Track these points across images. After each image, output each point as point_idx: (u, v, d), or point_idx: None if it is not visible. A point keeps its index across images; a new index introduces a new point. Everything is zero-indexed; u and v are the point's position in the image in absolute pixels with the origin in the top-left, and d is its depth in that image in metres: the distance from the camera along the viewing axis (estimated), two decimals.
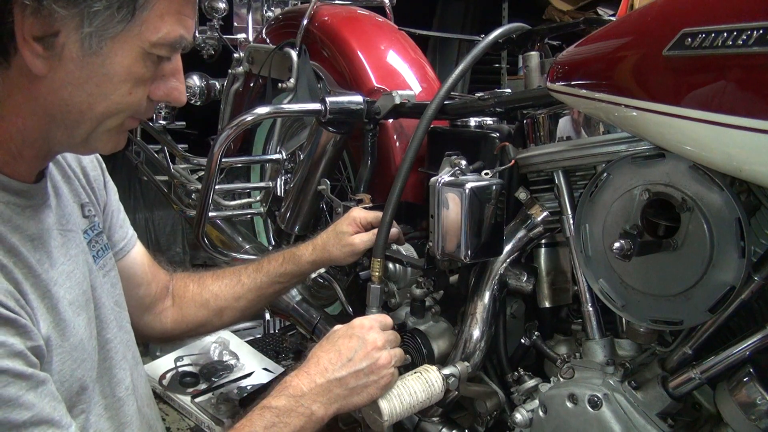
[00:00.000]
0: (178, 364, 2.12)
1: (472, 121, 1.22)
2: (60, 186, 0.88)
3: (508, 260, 1.07)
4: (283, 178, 1.90)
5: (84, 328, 0.82)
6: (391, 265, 1.24)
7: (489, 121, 1.21)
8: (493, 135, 1.14)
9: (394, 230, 1.16)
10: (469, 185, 0.96)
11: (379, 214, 1.13)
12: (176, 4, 0.72)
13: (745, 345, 0.80)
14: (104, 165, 1.01)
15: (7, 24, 0.67)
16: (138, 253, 1.10)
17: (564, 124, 1.01)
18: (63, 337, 0.77)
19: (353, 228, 1.17)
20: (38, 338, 0.72)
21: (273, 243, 1.90)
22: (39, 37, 0.67)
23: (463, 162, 1.04)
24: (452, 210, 0.98)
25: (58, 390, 0.74)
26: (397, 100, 1.32)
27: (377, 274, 1.13)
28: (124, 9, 0.68)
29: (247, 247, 1.71)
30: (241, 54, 1.92)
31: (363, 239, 1.16)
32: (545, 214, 1.06)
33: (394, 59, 1.59)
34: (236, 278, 1.19)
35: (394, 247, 1.23)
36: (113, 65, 0.71)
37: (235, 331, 2.46)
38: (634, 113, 0.77)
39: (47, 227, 0.81)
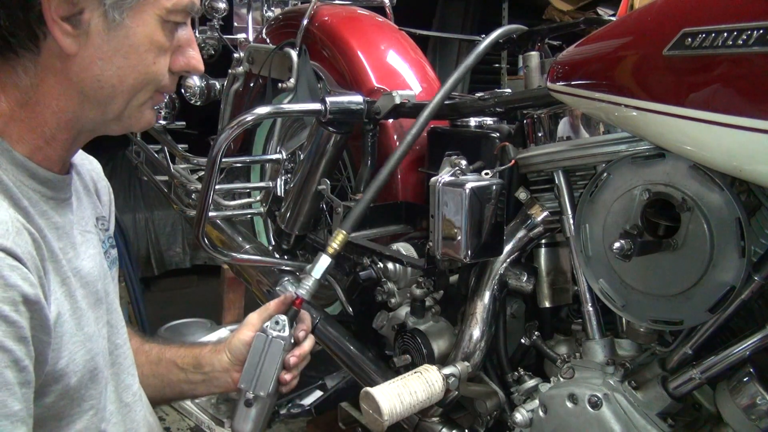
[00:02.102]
0: None
1: (472, 121, 1.22)
2: (80, 191, 0.90)
3: (508, 260, 1.08)
4: (283, 178, 1.90)
5: (96, 325, 0.83)
6: (391, 265, 1.24)
7: (489, 121, 1.21)
8: (493, 135, 1.14)
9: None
10: (469, 185, 0.96)
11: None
12: None
13: (745, 345, 0.80)
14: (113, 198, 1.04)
15: (36, 8, 0.70)
16: None
17: (564, 124, 1.01)
18: (78, 326, 0.78)
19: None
20: (47, 323, 0.71)
21: (273, 243, 1.90)
22: (66, 17, 0.71)
23: (463, 162, 1.04)
24: (452, 210, 0.98)
25: (69, 379, 0.75)
26: (397, 100, 1.32)
27: (334, 245, 1.09)
28: None
29: (247, 247, 1.71)
30: (241, 54, 1.92)
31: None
32: (545, 214, 1.06)
33: (394, 59, 1.59)
34: (158, 356, 1.10)
35: (394, 246, 1.23)
36: (136, 36, 0.75)
37: None
38: (634, 113, 0.77)
39: (70, 221, 0.82)
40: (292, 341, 1.02)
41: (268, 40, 1.88)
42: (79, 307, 0.79)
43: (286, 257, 1.65)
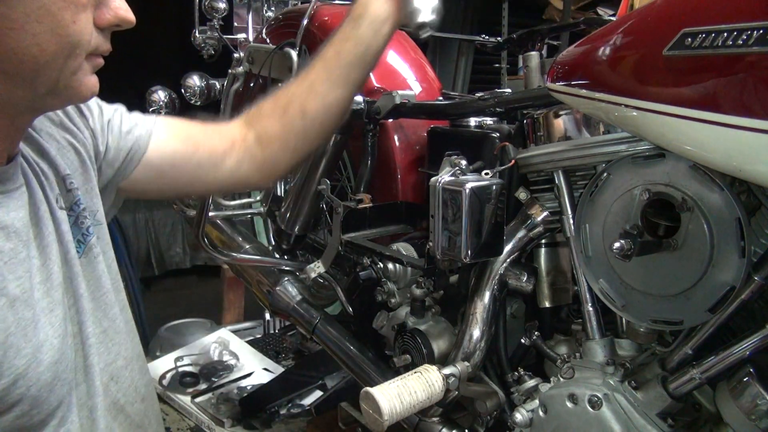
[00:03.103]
0: (178, 364, 2.12)
1: (472, 121, 1.22)
2: (34, 164, 0.82)
3: (508, 260, 1.08)
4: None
5: (56, 326, 0.77)
6: (391, 265, 1.24)
7: (489, 121, 1.21)
8: (493, 135, 1.14)
9: None
10: (469, 185, 0.96)
11: None
12: None
13: (745, 345, 0.80)
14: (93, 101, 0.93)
15: None
16: (160, 140, 0.99)
17: (564, 124, 1.01)
18: (25, 338, 0.72)
19: None
20: None
21: (273, 243, 1.90)
22: None
23: (463, 162, 1.04)
24: (452, 210, 0.98)
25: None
26: (397, 100, 1.32)
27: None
28: None
29: (247, 247, 1.71)
30: (241, 54, 1.92)
31: None
32: (545, 214, 1.06)
33: (394, 59, 1.59)
34: (304, 73, 1.07)
35: (394, 246, 1.23)
36: None
37: (235, 331, 2.46)
38: (634, 113, 0.77)
39: (20, 217, 0.75)
40: None
41: (268, 40, 1.88)
42: (22, 318, 0.72)
43: (286, 257, 1.65)
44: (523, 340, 1.11)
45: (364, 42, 1.01)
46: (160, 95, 2.17)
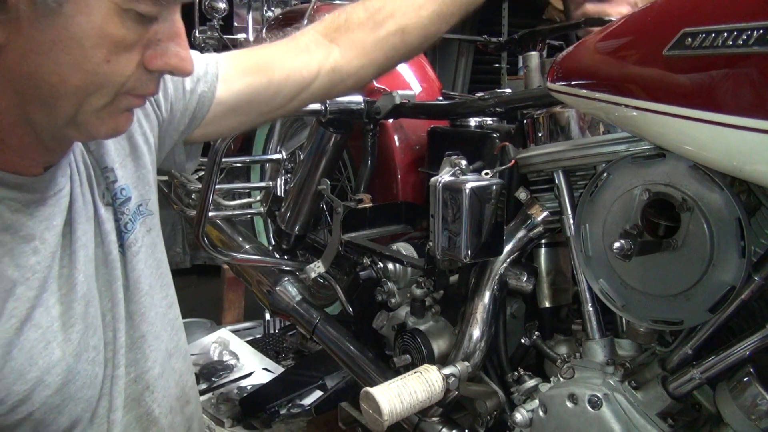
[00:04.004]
0: None
1: (472, 121, 1.22)
2: (81, 159, 0.78)
3: (508, 260, 1.07)
4: (283, 178, 1.91)
5: (73, 343, 0.73)
6: (391, 265, 1.24)
7: (489, 121, 1.21)
8: (493, 135, 1.14)
9: None
10: (469, 185, 0.96)
11: None
12: None
13: (745, 345, 0.80)
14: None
15: None
16: (228, 81, 0.93)
17: (564, 124, 1.01)
18: (31, 362, 0.68)
19: None
20: None
21: (273, 243, 1.90)
22: None
23: (463, 162, 1.04)
24: (452, 210, 0.98)
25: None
26: (398, 100, 1.32)
27: None
28: None
29: (247, 247, 1.71)
30: None
31: None
32: (545, 214, 1.06)
33: None
34: None
35: (394, 246, 1.23)
36: (80, 26, 0.60)
37: (235, 331, 2.46)
38: (634, 113, 0.77)
39: (53, 225, 0.72)
40: None
41: (267, 40, 1.88)
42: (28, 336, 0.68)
43: (286, 257, 1.65)
44: (523, 340, 1.11)
45: None
46: None
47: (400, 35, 0.98)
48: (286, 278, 1.55)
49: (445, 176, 1.01)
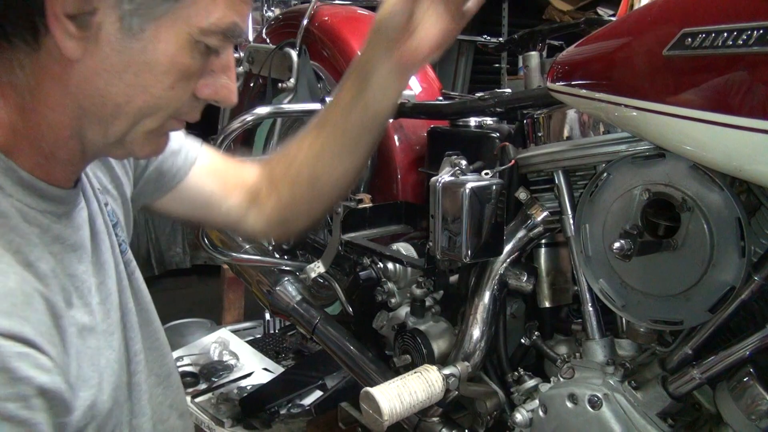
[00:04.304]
0: (178, 364, 2.12)
1: (472, 121, 1.22)
2: (90, 174, 0.80)
3: (508, 260, 1.07)
4: None
5: (115, 349, 0.74)
6: (391, 265, 1.24)
7: (489, 121, 1.21)
8: (493, 135, 1.14)
9: None
10: (469, 185, 0.96)
11: None
12: None
13: (745, 345, 0.80)
14: None
15: (39, 6, 0.57)
16: (200, 174, 0.96)
17: (564, 124, 1.01)
18: (93, 367, 0.69)
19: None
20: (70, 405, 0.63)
21: (273, 243, 1.90)
22: (73, 15, 0.58)
23: (463, 162, 1.04)
24: (452, 210, 0.98)
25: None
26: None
27: None
28: None
29: (247, 247, 1.71)
30: (241, 54, 1.92)
31: None
32: (545, 214, 1.06)
33: None
34: (314, 131, 0.97)
35: (394, 246, 1.23)
36: (156, 52, 0.62)
37: (235, 331, 2.46)
38: (634, 113, 0.77)
39: (82, 236, 0.73)
40: None
41: (268, 40, 1.88)
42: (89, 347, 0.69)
43: (286, 257, 1.65)
44: (523, 340, 1.11)
45: (371, 107, 0.89)
46: None
47: (310, 186, 0.98)
48: (286, 278, 1.55)
49: (445, 176, 1.01)
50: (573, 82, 0.87)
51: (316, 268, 1.38)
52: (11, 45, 0.60)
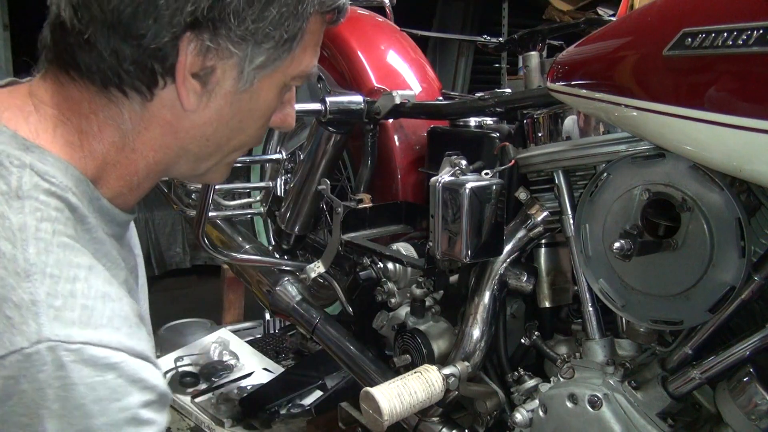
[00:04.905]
0: (178, 364, 2.12)
1: (472, 121, 1.22)
2: None
3: (508, 260, 1.07)
4: (283, 178, 1.90)
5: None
6: (391, 265, 1.24)
7: (489, 121, 1.21)
8: (493, 135, 1.14)
9: None
10: (469, 185, 0.96)
11: None
12: (317, 35, 0.70)
13: (745, 345, 0.80)
14: None
15: (169, 60, 0.61)
16: None
17: (564, 124, 1.01)
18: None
19: None
20: None
21: (273, 243, 1.90)
22: (196, 73, 0.63)
23: (463, 162, 1.04)
24: (452, 210, 0.98)
25: None
26: (397, 100, 1.32)
27: None
28: (286, 45, 0.65)
29: (247, 247, 1.71)
30: None
31: None
32: (545, 214, 1.06)
33: (394, 59, 1.59)
34: None
35: (394, 246, 1.23)
36: (259, 101, 0.69)
37: (235, 331, 2.46)
38: (634, 113, 0.77)
39: (134, 254, 0.79)
40: None
41: None
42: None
43: (286, 257, 1.65)
44: (523, 340, 1.11)
45: None
46: None
47: None
48: (286, 278, 1.55)
49: (445, 176, 1.01)
50: (573, 82, 0.87)
51: (316, 268, 1.38)
52: (125, 95, 0.63)
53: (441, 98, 1.51)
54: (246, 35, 0.62)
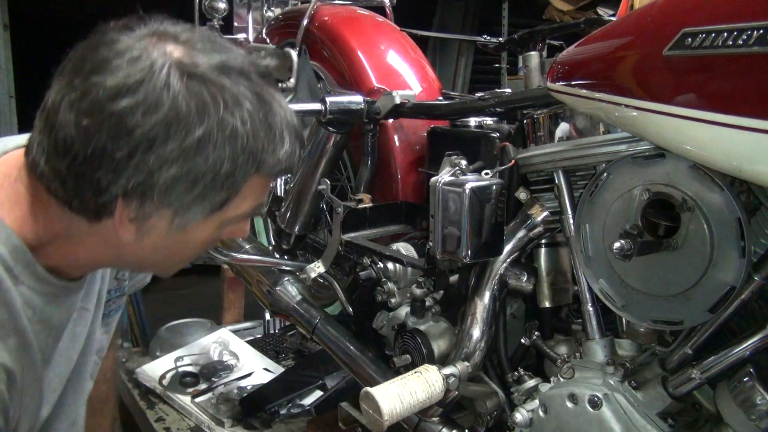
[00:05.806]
0: (178, 364, 2.12)
1: (472, 121, 1.22)
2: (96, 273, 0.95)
3: (508, 260, 1.07)
4: (283, 178, 1.90)
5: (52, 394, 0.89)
6: (391, 265, 1.24)
7: (489, 121, 1.21)
8: (493, 135, 1.14)
9: None
10: (469, 185, 0.96)
11: None
12: (260, 187, 0.76)
13: (745, 345, 0.80)
14: None
15: (109, 208, 0.71)
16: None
17: (564, 124, 1.01)
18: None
19: None
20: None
21: (273, 243, 1.90)
22: (133, 218, 0.72)
23: (463, 162, 1.04)
24: (452, 210, 0.98)
25: None
26: (397, 100, 1.32)
27: None
28: (218, 204, 0.73)
29: (247, 247, 1.71)
30: None
31: None
32: (545, 214, 1.06)
33: (394, 59, 1.59)
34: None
35: (394, 246, 1.23)
36: (194, 239, 0.77)
37: (235, 331, 2.46)
38: (634, 113, 0.77)
39: (70, 312, 0.86)
40: None
41: (268, 40, 1.88)
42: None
43: (286, 257, 1.65)
44: (523, 340, 1.11)
45: None
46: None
47: None
48: (286, 278, 1.55)
49: (445, 176, 1.01)
50: (573, 82, 0.87)
51: (316, 268, 1.38)
52: (76, 213, 0.73)
53: (441, 98, 1.51)
54: (174, 202, 0.71)
